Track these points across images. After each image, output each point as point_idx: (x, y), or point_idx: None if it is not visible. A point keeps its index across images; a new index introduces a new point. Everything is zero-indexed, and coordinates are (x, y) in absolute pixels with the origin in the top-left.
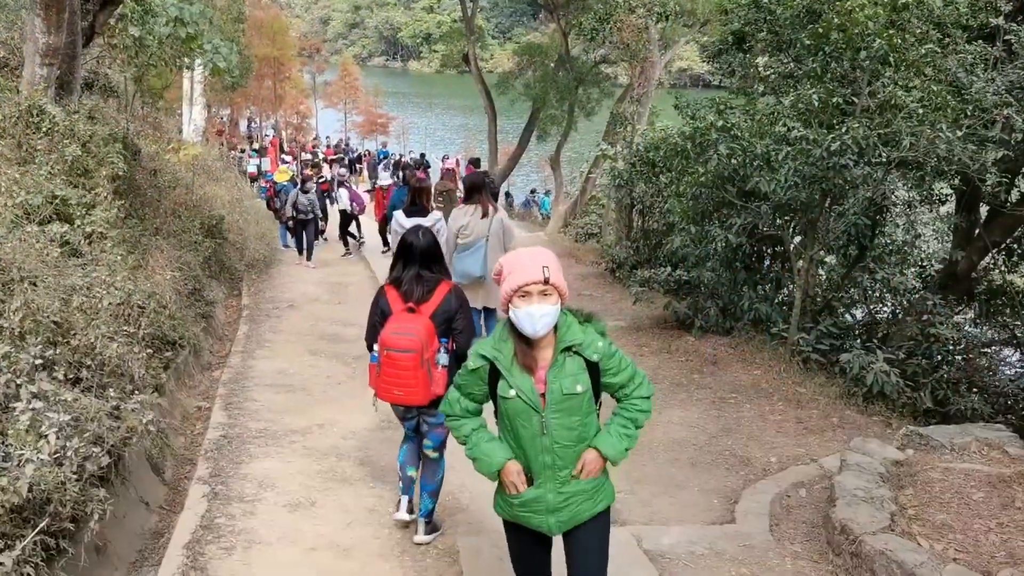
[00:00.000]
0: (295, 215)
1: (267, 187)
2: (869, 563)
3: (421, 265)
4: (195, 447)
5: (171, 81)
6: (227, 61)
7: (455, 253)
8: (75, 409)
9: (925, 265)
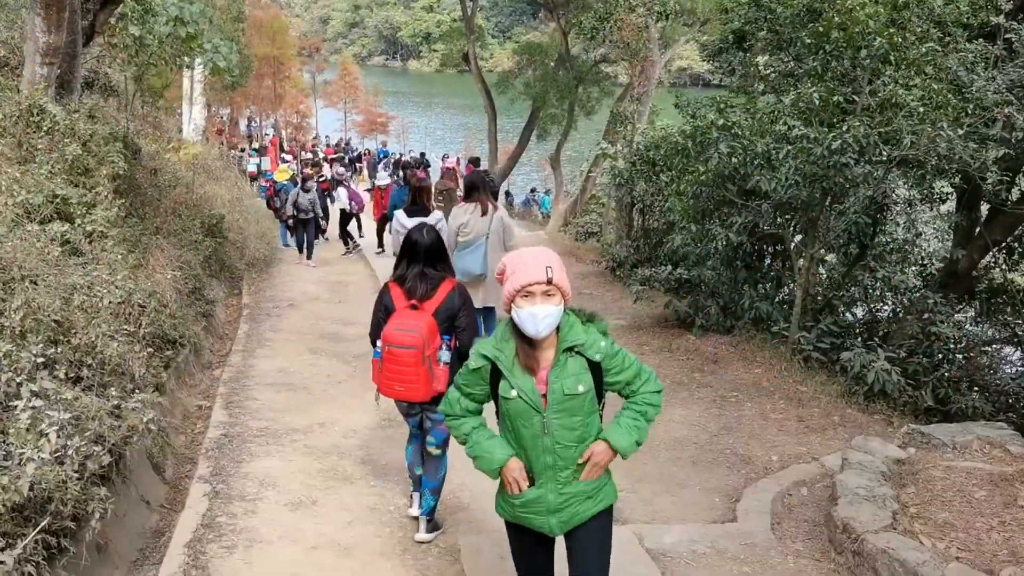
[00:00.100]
0: (295, 214)
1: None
2: (871, 562)
3: (425, 263)
4: (196, 446)
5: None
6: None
7: (455, 251)
8: (76, 408)
9: (926, 263)
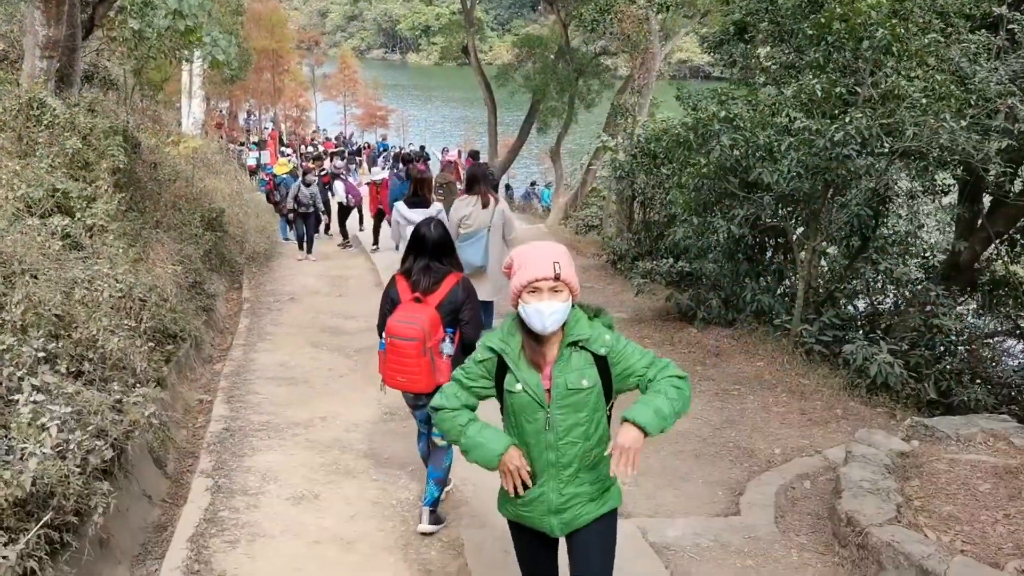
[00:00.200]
0: (296, 208)
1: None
2: (876, 555)
3: (431, 257)
4: (197, 440)
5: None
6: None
7: (457, 243)
8: (77, 402)
9: (928, 256)
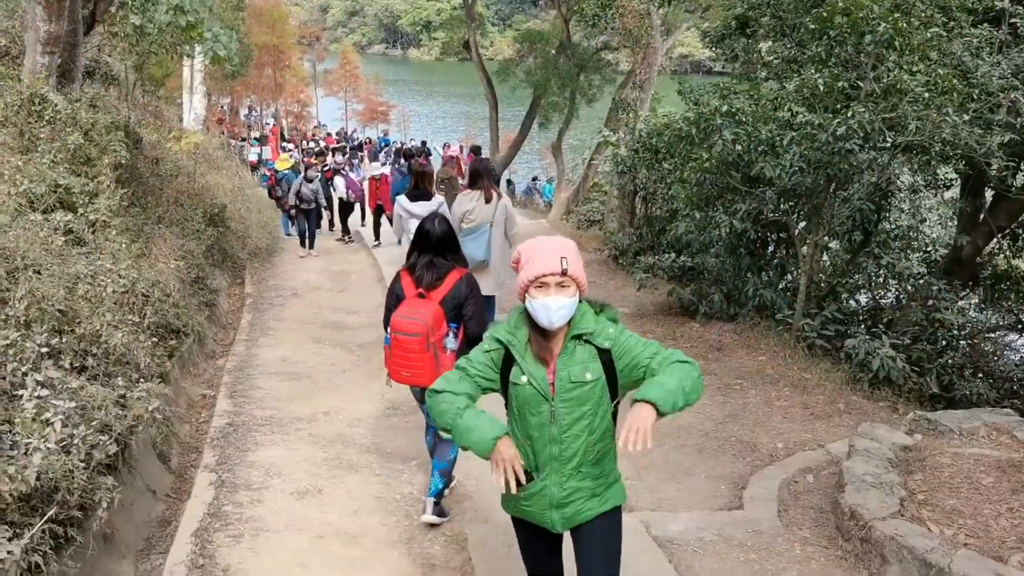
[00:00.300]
0: (297, 204)
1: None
2: (879, 548)
3: (436, 252)
4: (201, 435)
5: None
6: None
7: (459, 238)
8: (81, 397)
9: (930, 250)
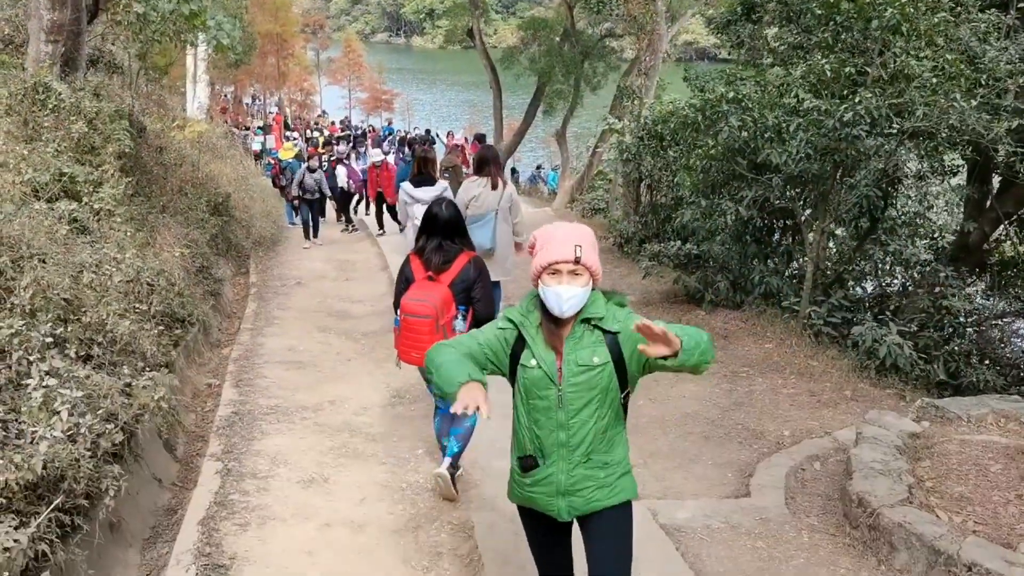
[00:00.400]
0: (300, 195)
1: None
2: (887, 536)
3: (444, 236)
4: (207, 424)
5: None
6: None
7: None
8: (88, 386)
9: (937, 237)
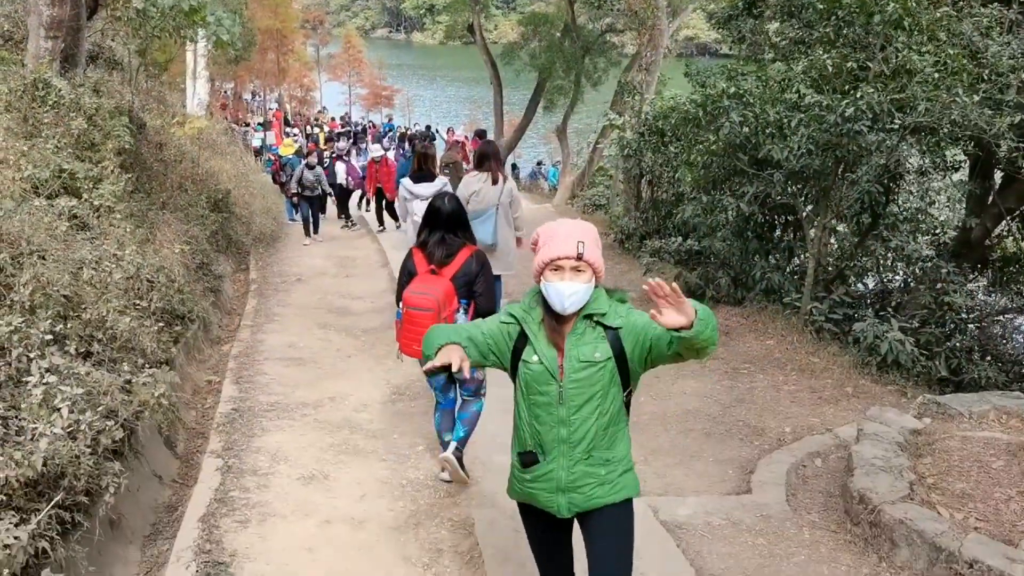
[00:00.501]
0: (299, 191)
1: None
2: (888, 532)
3: (446, 229)
4: (207, 421)
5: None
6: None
7: None
8: (88, 383)
9: (938, 233)
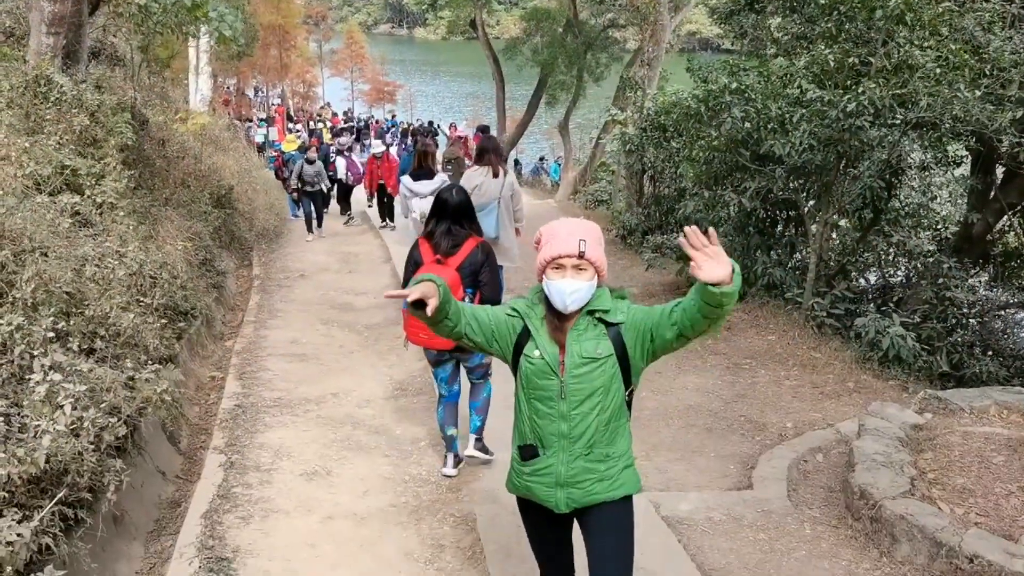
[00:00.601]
0: (300, 187)
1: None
2: (889, 528)
3: (452, 221)
4: (210, 417)
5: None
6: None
7: None
8: (90, 380)
9: (940, 228)
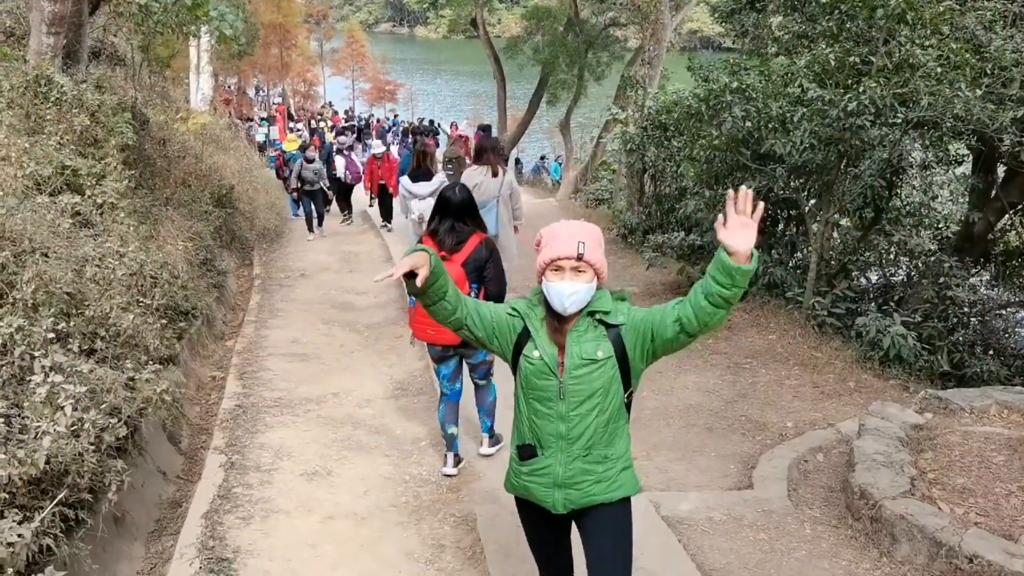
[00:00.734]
0: (300, 186)
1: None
2: (889, 528)
3: (456, 218)
4: (210, 417)
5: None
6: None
7: None
8: (91, 380)
9: (941, 227)
